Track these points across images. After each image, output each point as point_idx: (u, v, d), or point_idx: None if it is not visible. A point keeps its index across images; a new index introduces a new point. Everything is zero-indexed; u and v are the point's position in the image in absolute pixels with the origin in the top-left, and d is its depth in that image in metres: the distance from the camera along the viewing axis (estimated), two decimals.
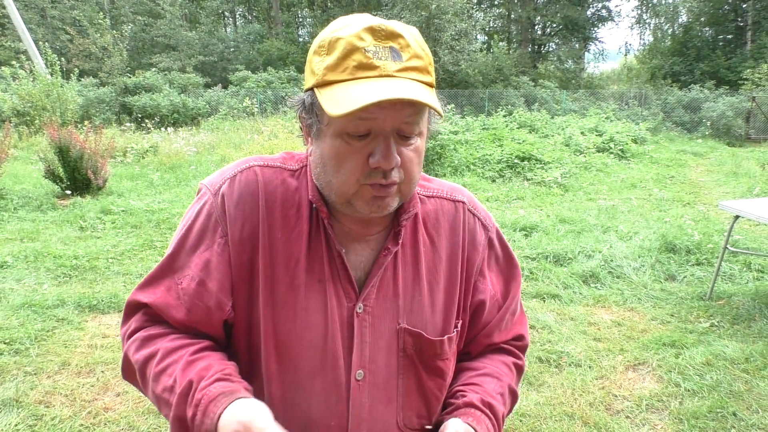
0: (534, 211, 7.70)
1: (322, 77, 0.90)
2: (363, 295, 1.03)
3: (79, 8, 27.93)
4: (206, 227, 1.02)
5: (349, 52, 0.88)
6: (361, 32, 0.89)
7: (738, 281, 5.03)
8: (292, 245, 1.01)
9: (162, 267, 1.03)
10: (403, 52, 0.90)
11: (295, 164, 1.07)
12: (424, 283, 1.08)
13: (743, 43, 28.12)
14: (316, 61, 0.92)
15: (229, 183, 1.03)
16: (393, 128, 0.91)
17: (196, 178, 9.72)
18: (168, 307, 1.00)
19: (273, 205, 1.02)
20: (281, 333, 1.00)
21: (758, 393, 3.26)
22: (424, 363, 1.08)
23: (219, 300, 1.00)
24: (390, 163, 0.90)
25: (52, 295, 4.59)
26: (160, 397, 0.96)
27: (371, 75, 0.88)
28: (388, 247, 1.05)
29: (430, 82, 0.93)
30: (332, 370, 1.01)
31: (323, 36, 0.93)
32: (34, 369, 3.49)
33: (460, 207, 1.15)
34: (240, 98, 19.77)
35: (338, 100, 0.86)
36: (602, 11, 34.06)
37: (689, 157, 13.78)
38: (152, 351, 0.99)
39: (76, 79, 17.95)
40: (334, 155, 0.93)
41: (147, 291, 1.02)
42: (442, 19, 21.92)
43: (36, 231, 6.43)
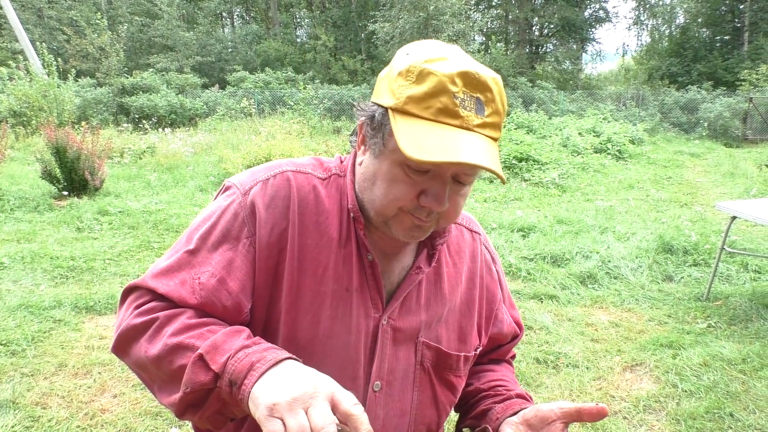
0: (532, 212, 7.71)
1: (403, 105, 0.89)
2: (390, 308, 1.04)
3: (76, 8, 27.88)
4: (232, 226, 0.99)
5: (438, 92, 0.87)
6: (456, 75, 0.88)
7: (735, 282, 5.03)
8: (321, 252, 1.00)
9: (180, 261, 0.98)
10: (487, 107, 0.91)
11: (324, 172, 1.07)
12: (446, 302, 1.11)
13: (740, 44, 28.20)
14: (400, 84, 0.90)
15: (262, 185, 1.01)
16: (452, 174, 0.93)
17: (193, 179, 9.71)
18: (181, 298, 0.95)
19: (304, 211, 1.01)
20: (302, 339, 0.99)
21: (755, 393, 3.26)
22: (440, 376, 1.11)
23: (238, 301, 0.97)
24: (441, 207, 0.92)
25: (48, 296, 4.58)
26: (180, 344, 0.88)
27: (453, 123, 0.87)
28: (420, 266, 1.07)
29: (497, 137, 0.94)
30: (351, 379, 1.01)
31: (414, 60, 0.91)
32: (31, 370, 3.47)
33: (477, 238, 1.23)
34: (238, 99, 19.76)
35: (415, 140, 0.85)
36: (600, 12, 34.14)
37: (686, 157, 13.80)
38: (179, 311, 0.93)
39: (73, 80, 17.92)
40: (388, 180, 0.94)
41: (160, 280, 0.96)
42: (439, 21, 21.89)
43: (33, 232, 6.41)
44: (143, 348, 0.92)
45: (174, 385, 0.88)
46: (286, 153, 9.36)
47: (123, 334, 0.95)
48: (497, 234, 6.27)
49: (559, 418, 0.96)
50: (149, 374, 0.95)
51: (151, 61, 26.53)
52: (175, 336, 0.89)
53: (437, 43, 0.96)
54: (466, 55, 0.94)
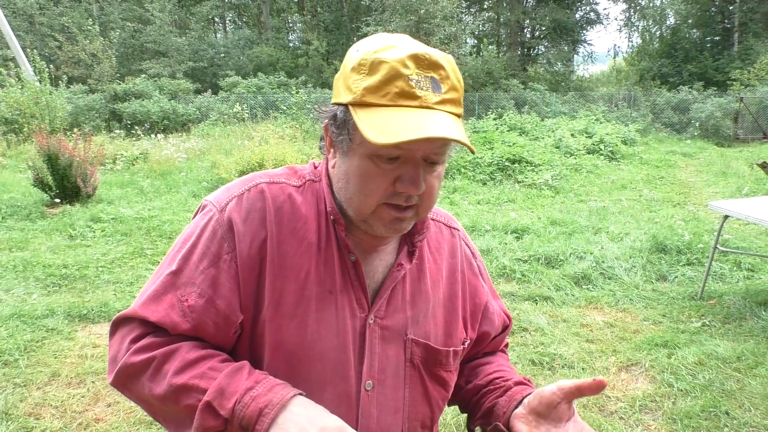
0: (525, 214, 7.72)
1: (361, 97, 0.91)
2: (375, 307, 1.05)
3: (67, 15, 27.76)
4: (212, 243, 1.00)
5: (392, 78, 0.89)
6: (406, 59, 0.89)
7: (728, 280, 5.05)
8: (302, 258, 1.01)
9: (164, 284, 0.99)
10: (443, 84, 0.92)
11: (298, 180, 1.08)
12: (429, 297, 1.13)
13: (730, 44, 28.40)
14: (354, 79, 0.92)
15: (237, 200, 1.02)
16: (422, 156, 0.93)
17: (186, 185, 9.68)
18: (174, 325, 0.96)
19: (281, 220, 1.02)
20: (291, 345, 1.00)
21: (750, 391, 3.27)
22: (430, 372, 1.12)
23: (227, 317, 0.99)
24: (418, 189, 0.93)
25: (41, 304, 4.55)
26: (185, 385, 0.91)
27: (412, 105, 0.89)
28: (402, 263, 1.08)
29: (460, 114, 0.96)
30: (343, 380, 1.02)
31: (364, 53, 0.93)
32: (24, 380, 3.45)
33: (456, 234, 1.23)
34: (230, 104, 19.72)
35: (379, 127, 0.87)
36: (591, 14, 34.28)
37: (678, 157, 13.87)
38: (177, 346, 0.95)
39: (65, 86, 17.83)
40: (361, 174, 0.95)
41: (149, 308, 0.98)
42: (431, 24, 21.93)
43: (25, 240, 6.37)
44: (146, 387, 0.95)
45: (182, 420, 0.93)
46: (279, 157, 9.35)
47: (122, 372, 0.97)
48: (491, 236, 6.27)
49: (562, 399, 1.00)
50: (154, 409, 0.99)
51: (144, 67, 26.43)
52: (178, 375, 0.92)
53: (384, 35, 0.98)
54: (414, 40, 0.96)
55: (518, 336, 4.08)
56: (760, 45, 25.00)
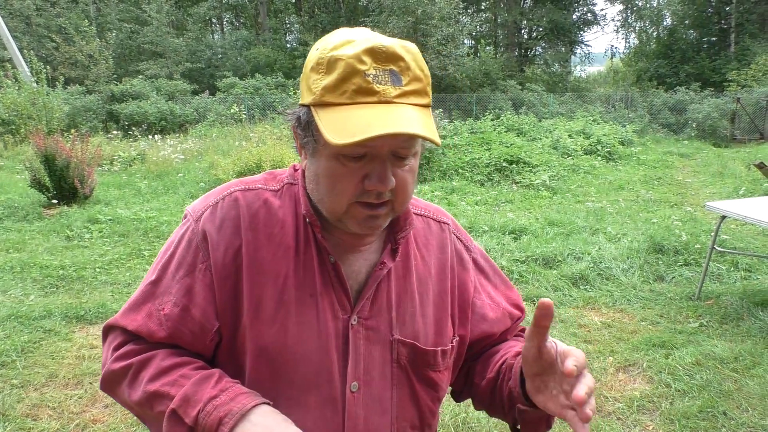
0: (523, 214, 7.73)
1: (320, 97, 0.90)
2: (358, 307, 1.04)
3: (64, 16, 27.70)
4: (187, 253, 1.02)
5: (349, 75, 0.87)
6: (362, 54, 0.88)
7: (726, 281, 5.06)
8: (279, 263, 1.01)
9: (143, 293, 1.03)
10: (403, 76, 0.90)
11: (276, 184, 1.08)
12: (416, 296, 1.10)
13: (727, 45, 28.48)
14: (314, 79, 0.91)
15: (211, 210, 1.03)
16: (389, 151, 0.92)
17: (184, 186, 9.68)
18: (151, 333, 1.00)
19: (257, 226, 1.02)
20: (272, 350, 0.99)
21: (747, 392, 3.28)
22: (418, 373, 1.09)
23: (203, 325, 1.00)
24: (386, 186, 0.92)
25: (38, 306, 4.54)
26: (157, 392, 0.94)
27: (370, 101, 0.87)
28: (385, 261, 1.06)
29: (427, 104, 0.93)
30: (327, 383, 1.01)
31: (321, 52, 0.92)
32: (21, 381, 3.44)
33: (446, 228, 1.20)
34: (228, 105, 19.70)
35: (338, 126, 0.86)
36: (588, 15, 34.39)
37: (676, 158, 13.90)
38: (153, 354, 0.99)
39: (62, 87, 17.81)
40: (329, 175, 0.94)
41: (128, 317, 1.02)
42: (428, 24, 21.97)
43: (22, 241, 6.36)
44: (126, 392, 1.00)
45: (159, 425, 0.95)
46: (276, 158, 9.34)
47: (105, 379, 1.03)
48: (488, 237, 6.28)
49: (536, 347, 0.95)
50: (136, 413, 1.03)
51: (141, 67, 26.40)
52: (151, 382, 0.95)
53: (344, 30, 0.96)
54: (375, 33, 0.94)
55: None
56: (756, 46, 25.07)
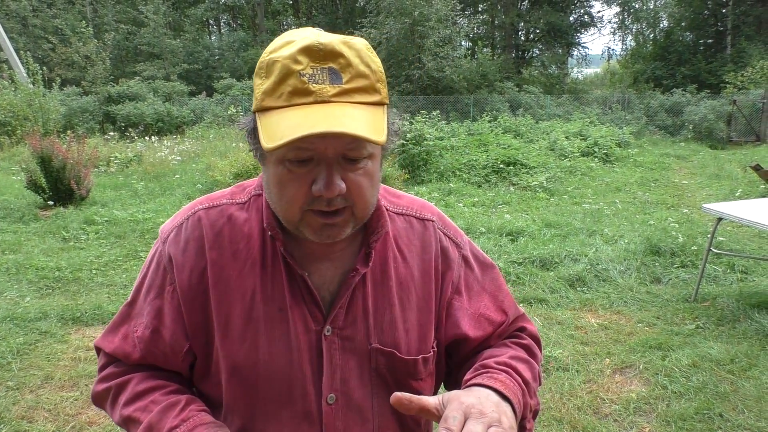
0: (520, 216, 7.73)
1: (260, 102, 0.87)
2: (331, 317, 1.00)
3: (61, 17, 27.66)
4: (156, 275, 1.03)
5: (285, 77, 0.84)
6: (297, 54, 0.84)
7: (722, 283, 5.07)
8: (246, 279, 0.99)
9: (120, 315, 1.08)
10: (344, 73, 0.85)
11: (244, 196, 1.05)
12: (395, 301, 1.04)
13: (723, 47, 28.55)
14: (257, 85, 0.89)
15: (176, 231, 1.03)
16: (336, 154, 0.87)
17: (180, 187, 9.66)
18: (126, 355, 1.04)
19: (221, 244, 1.00)
20: (244, 368, 0.98)
21: (744, 394, 3.28)
22: (398, 383, 1.05)
23: (173, 346, 1.02)
24: (332, 191, 0.86)
25: (34, 307, 4.53)
26: (129, 417, 0.98)
27: (306, 101, 0.83)
28: (357, 268, 1.01)
29: (377, 101, 0.88)
30: (301, 397, 0.99)
31: (263, 56, 0.89)
32: (16, 383, 3.43)
33: (430, 225, 1.12)
34: (225, 106, 19.68)
35: (272, 130, 0.83)
36: (585, 17, 34.44)
37: (672, 160, 13.92)
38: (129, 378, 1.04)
39: (58, 89, 17.76)
40: (277, 182, 0.90)
41: (107, 338, 1.08)
42: (425, 26, 21.98)
43: (18, 242, 6.34)
44: (110, 413, 1.07)
45: None
46: None
47: (93, 399, 1.10)
48: (486, 238, 6.28)
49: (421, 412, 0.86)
50: None
51: (138, 69, 26.37)
52: (126, 407, 1.00)
53: (289, 32, 0.92)
54: (317, 31, 0.90)
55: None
56: (752, 48, 25.15)
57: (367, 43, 0.92)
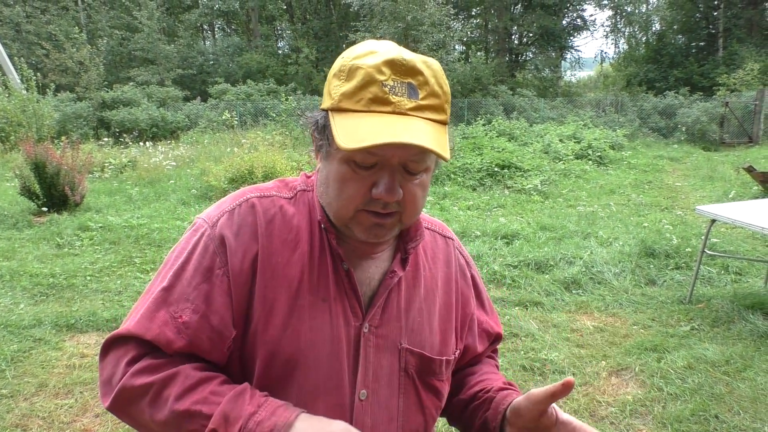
0: (515, 219, 7.75)
1: (338, 103, 0.92)
2: (370, 315, 1.04)
3: (54, 23, 27.60)
4: (204, 259, 1.00)
5: (367, 84, 0.90)
6: (382, 65, 0.90)
7: (716, 284, 5.09)
8: (293, 268, 1.01)
9: (156, 300, 0.98)
10: (420, 90, 0.91)
11: (289, 192, 1.09)
12: (423, 306, 1.11)
13: (715, 49, 28.73)
14: (335, 85, 0.94)
15: (228, 216, 1.03)
16: (400, 163, 0.93)
17: (175, 193, 9.64)
18: (169, 342, 0.96)
19: (272, 232, 1.02)
20: (285, 354, 0.99)
21: (739, 395, 3.29)
22: (424, 382, 1.10)
23: (221, 332, 0.98)
24: (392, 197, 0.92)
25: (28, 314, 4.50)
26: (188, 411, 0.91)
27: (384, 110, 0.89)
28: (395, 270, 1.07)
29: (443, 120, 0.95)
30: (337, 389, 1.01)
31: (345, 59, 0.95)
32: (11, 391, 3.41)
33: (451, 244, 1.23)
34: (219, 111, 19.64)
35: (349, 131, 0.88)
36: (577, 21, 34.51)
37: (666, 162, 13.98)
38: (175, 371, 0.95)
39: (52, 94, 17.71)
40: (339, 179, 0.95)
41: (142, 325, 0.97)
42: (419, 30, 22.02)
43: (12, 249, 6.31)
44: (146, 412, 0.94)
45: None
46: (269, 165, 9.32)
47: (120, 396, 0.95)
48: (481, 242, 6.29)
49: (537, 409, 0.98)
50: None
51: (132, 74, 26.31)
52: (179, 401, 0.92)
53: (370, 42, 0.98)
54: (399, 47, 0.96)
55: (509, 342, 4.08)
56: (744, 50, 25.31)
57: (440, 66, 0.98)
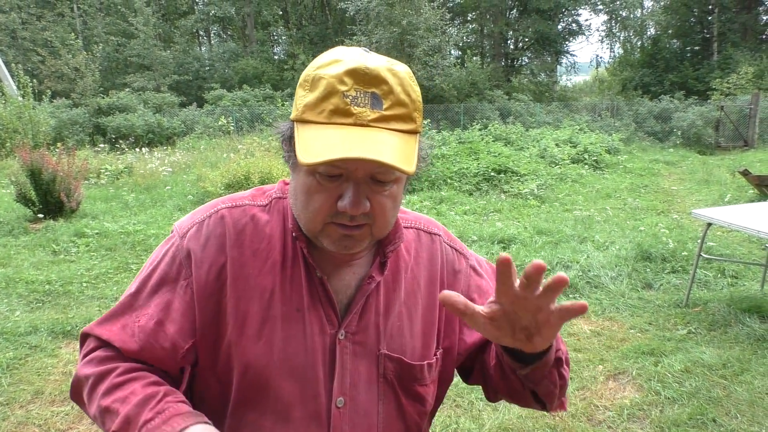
0: (511, 224, 7.76)
1: (301, 114, 0.90)
2: (345, 322, 1.03)
3: (50, 29, 27.63)
4: (170, 269, 1.02)
5: (329, 95, 0.87)
6: (343, 74, 0.87)
7: (713, 288, 5.10)
8: (265, 278, 1.00)
9: (122, 305, 1.03)
10: (385, 100, 0.88)
11: (264, 199, 1.08)
12: (403, 310, 1.09)
13: (710, 54, 28.88)
14: (299, 96, 0.92)
15: (197, 227, 1.04)
16: (366, 174, 0.90)
17: (171, 199, 9.63)
18: (123, 342, 0.99)
19: (242, 243, 1.02)
20: (258, 366, 0.99)
21: (736, 398, 3.29)
22: (404, 388, 1.08)
23: (175, 342, 0.99)
24: (356, 210, 0.90)
25: (24, 321, 4.49)
26: (108, 408, 0.93)
27: (346, 122, 0.86)
28: (373, 275, 1.05)
29: (412, 129, 0.91)
30: (313, 398, 1.00)
31: (309, 69, 0.93)
32: (6, 399, 3.39)
33: (437, 239, 1.17)
34: (216, 117, 19.66)
35: (307, 145, 0.86)
36: (573, 25, 34.69)
37: (662, 166, 14.01)
38: (111, 367, 0.98)
39: (48, 101, 17.70)
40: (305, 191, 0.93)
41: (104, 326, 1.02)
42: (414, 35, 22.08)
43: (7, 256, 6.29)
44: (85, 405, 1.01)
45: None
46: (265, 170, 9.32)
47: (72, 384, 1.03)
48: (478, 246, 6.29)
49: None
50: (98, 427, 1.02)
51: (128, 80, 26.34)
52: (104, 397, 0.95)
53: (338, 50, 0.95)
54: (367, 55, 0.92)
55: None
56: (738, 54, 25.45)
57: (410, 71, 0.95)
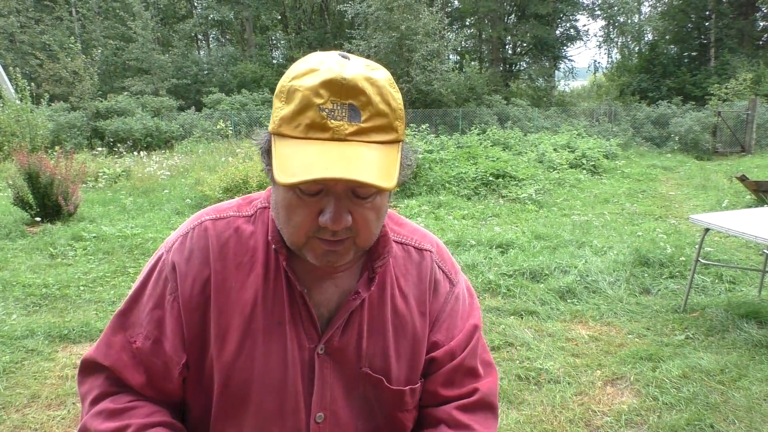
0: (509, 228, 7.76)
1: (278, 128, 0.86)
2: (326, 336, 1.01)
3: (49, 33, 27.60)
4: (157, 285, 1.02)
5: (304, 108, 0.83)
6: (319, 86, 0.83)
7: (711, 293, 5.10)
8: (247, 291, 0.99)
9: (114, 325, 1.04)
10: (363, 111, 0.84)
11: (250, 209, 1.06)
12: (389, 328, 1.05)
13: (707, 59, 28.99)
14: (276, 107, 0.88)
15: (181, 241, 1.03)
16: (346, 189, 0.87)
17: (170, 202, 9.62)
18: (125, 368, 1.00)
19: (226, 255, 1.00)
20: (239, 380, 0.98)
21: (734, 404, 3.29)
22: (383, 412, 1.06)
23: (171, 358, 0.99)
24: (338, 225, 0.87)
25: (20, 325, 4.47)
26: None
27: (323, 137, 0.82)
28: (359, 291, 1.01)
29: (393, 140, 0.87)
30: (292, 413, 1.00)
31: (285, 79, 0.89)
32: (2, 403, 3.37)
33: (427, 255, 1.12)
34: (214, 121, 19.66)
35: (284, 162, 0.82)
36: (570, 31, 34.80)
37: (659, 171, 14.04)
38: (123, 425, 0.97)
39: (46, 104, 17.67)
40: (286, 206, 0.90)
41: (101, 350, 1.03)
42: (413, 40, 22.12)
43: (4, 259, 6.27)
44: None
45: None
46: (263, 174, 9.30)
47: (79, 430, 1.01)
48: (476, 251, 6.29)
49: None
50: None
51: (126, 84, 26.31)
52: None
53: (315, 56, 0.90)
54: (343, 61, 0.87)
55: (504, 351, 4.08)
56: (735, 60, 25.56)
57: (390, 77, 0.91)
